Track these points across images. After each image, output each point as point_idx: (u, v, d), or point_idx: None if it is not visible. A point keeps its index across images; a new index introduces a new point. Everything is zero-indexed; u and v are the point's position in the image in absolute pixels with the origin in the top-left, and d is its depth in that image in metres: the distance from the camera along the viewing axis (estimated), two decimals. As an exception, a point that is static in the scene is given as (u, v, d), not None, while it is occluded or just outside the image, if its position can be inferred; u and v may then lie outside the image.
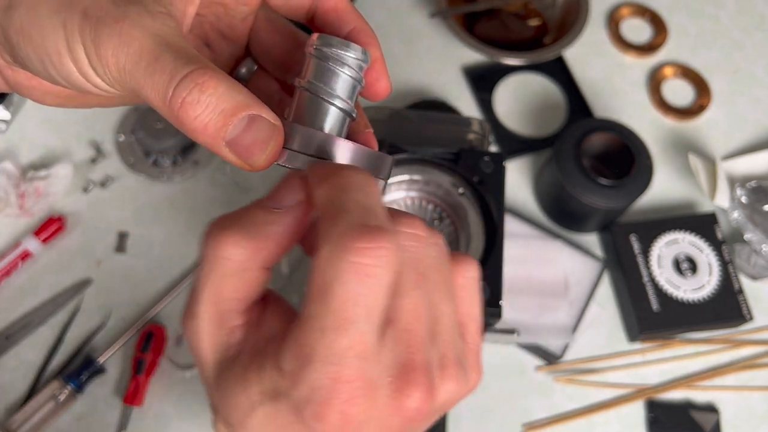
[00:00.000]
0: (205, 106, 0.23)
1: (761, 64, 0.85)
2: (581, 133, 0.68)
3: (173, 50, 0.24)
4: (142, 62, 0.24)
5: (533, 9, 0.84)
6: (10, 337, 0.64)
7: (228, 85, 0.24)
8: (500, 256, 0.46)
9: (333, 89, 0.28)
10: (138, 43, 0.24)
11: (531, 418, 0.64)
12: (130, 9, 0.24)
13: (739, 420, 0.65)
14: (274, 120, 0.25)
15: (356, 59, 0.28)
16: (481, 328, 0.27)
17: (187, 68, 0.23)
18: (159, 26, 0.24)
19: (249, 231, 0.25)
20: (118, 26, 0.24)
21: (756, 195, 0.72)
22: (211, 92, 0.23)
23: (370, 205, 0.23)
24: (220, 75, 0.24)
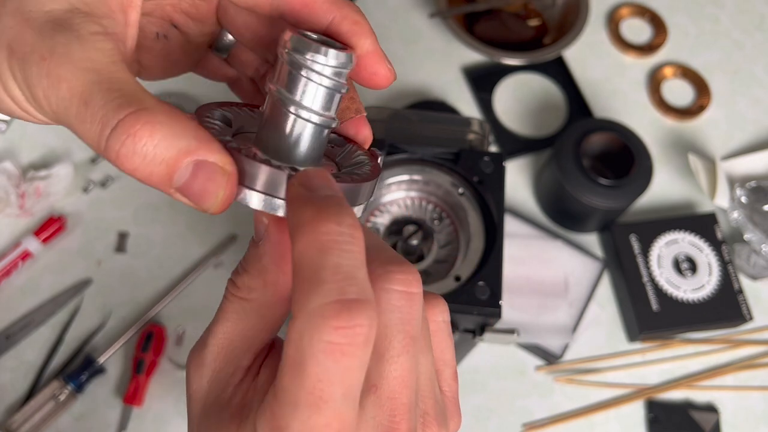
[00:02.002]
0: (142, 158, 0.21)
1: (761, 64, 0.85)
2: (581, 133, 0.68)
3: (105, 90, 0.21)
4: (72, 108, 0.22)
5: (533, 9, 0.84)
6: (10, 337, 0.64)
7: (167, 130, 0.21)
8: (500, 256, 0.46)
9: (307, 103, 0.25)
10: (66, 86, 0.22)
11: (531, 418, 0.64)
12: (57, 41, 0.22)
13: (739, 420, 0.65)
14: (223, 163, 0.22)
15: (334, 67, 0.25)
16: (456, 372, 0.26)
17: (117, 115, 0.21)
18: (91, 57, 0.22)
19: (248, 269, 0.25)
20: (45, 65, 0.22)
21: (756, 195, 0.72)
22: (146, 142, 0.21)
23: (350, 271, 0.20)
24: (156, 117, 0.21)
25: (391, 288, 0.23)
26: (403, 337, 0.22)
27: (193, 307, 0.67)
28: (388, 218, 0.51)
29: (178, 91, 0.76)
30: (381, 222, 0.51)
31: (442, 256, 0.50)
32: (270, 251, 0.25)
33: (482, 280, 0.45)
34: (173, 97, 0.75)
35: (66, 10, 0.22)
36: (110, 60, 0.22)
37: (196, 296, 0.67)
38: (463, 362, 0.66)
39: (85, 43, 0.22)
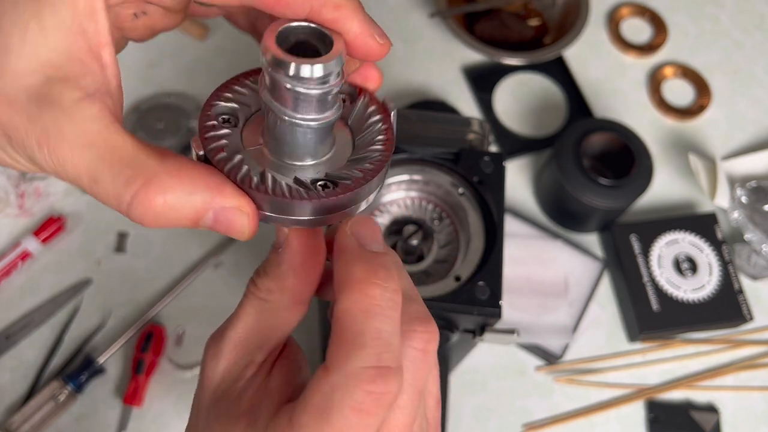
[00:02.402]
0: (165, 220, 0.23)
1: (761, 64, 0.85)
2: (581, 133, 0.68)
3: (108, 166, 0.22)
4: (83, 183, 0.22)
5: (533, 9, 0.84)
6: (10, 337, 0.64)
7: (178, 192, 0.22)
8: (500, 256, 0.46)
9: (301, 113, 0.24)
10: (70, 167, 0.22)
11: (531, 418, 0.64)
12: (45, 121, 0.21)
13: (739, 420, 0.65)
14: (239, 205, 0.23)
15: (319, 79, 0.23)
16: (438, 401, 0.27)
17: (128, 191, 0.22)
18: (83, 130, 0.22)
19: (268, 273, 0.27)
20: (44, 150, 0.22)
21: (756, 195, 0.72)
22: (163, 209, 0.22)
23: (389, 338, 0.22)
24: (164, 183, 0.22)
25: (411, 346, 0.24)
26: (413, 391, 0.24)
27: (193, 307, 0.67)
28: (388, 218, 0.51)
29: (178, 91, 0.76)
30: (381, 222, 0.51)
31: (442, 256, 0.50)
32: (288, 260, 0.27)
33: (482, 280, 0.45)
34: (173, 97, 0.75)
35: (42, 82, 0.22)
36: (102, 126, 0.22)
37: (196, 296, 0.67)
38: (463, 362, 0.66)
39: (73, 116, 0.22)
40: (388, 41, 0.25)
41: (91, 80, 0.22)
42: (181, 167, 0.23)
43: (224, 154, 0.25)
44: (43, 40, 0.22)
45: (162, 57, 0.79)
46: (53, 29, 0.22)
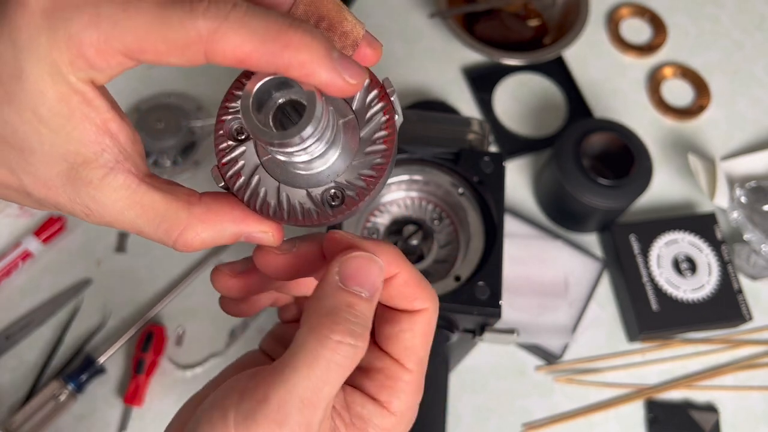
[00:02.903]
0: (205, 246, 0.27)
1: (761, 64, 0.85)
2: (581, 133, 0.68)
3: (145, 222, 0.26)
4: (132, 231, 0.26)
5: (533, 9, 0.85)
6: (10, 337, 0.64)
7: (211, 232, 0.27)
8: (500, 256, 0.46)
9: (291, 159, 0.25)
10: (118, 225, 0.26)
11: (531, 417, 0.64)
12: (84, 197, 0.25)
13: (739, 420, 0.65)
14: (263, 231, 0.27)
15: (302, 143, 0.24)
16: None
17: (169, 240, 0.26)
18: (117, 199, 0.25)
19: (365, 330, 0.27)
20: (92, 217, 0.26)
21: (755, 195, 0.72)
22: (201, 245, 0.27)
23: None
24: (197, 228, 0.26)
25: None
26: None
27: (193, 307, 0.67)
28: (388, 218, 0.51)
29: (178, 91, 0.76)
30: (381, 222, 0.51)
31: (442, 256, 0.50)
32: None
33: (482, 280, 0.45)
34: (173, 97, 0.75)
35: (68, 168, 0.25)
36: (131, 192, 0.25)
37: (196, 296, 0.67)
38: (463, 362, 0.66)
39: (104, 190, 0.25)
40: (361, 76, 0.25)
41: (108, 155, 0.25)
42: (208, 210, 0.26)
43: (243, 179, 0.27)
44: (56, 137, 0.24)
45: (162, 57, 0.79)
46: (59, 127, 0.24)
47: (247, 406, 0.24)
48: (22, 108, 0.24)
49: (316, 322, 0.25)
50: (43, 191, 0.25)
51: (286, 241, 0.29)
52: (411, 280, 0.28)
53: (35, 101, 0.23)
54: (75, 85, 0.24)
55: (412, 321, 0.28)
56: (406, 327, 0.28)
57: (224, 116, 0.28)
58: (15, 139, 0.24)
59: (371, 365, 0.29)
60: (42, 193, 0.25)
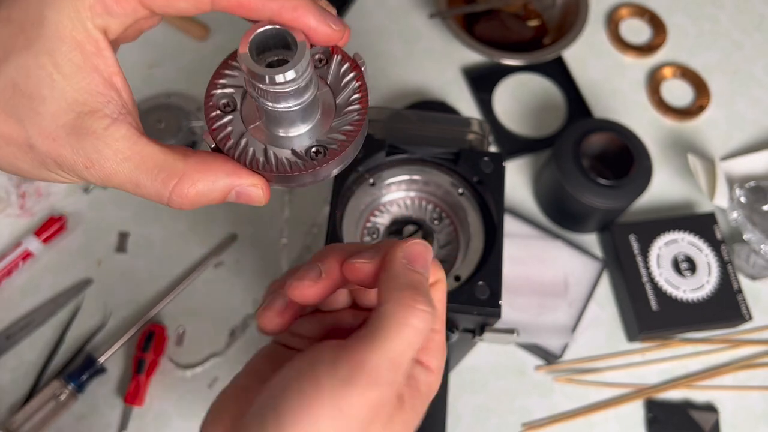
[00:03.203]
0: (199, 203, 0.29)
1: (760, 65, 0.85)
2: (581, 134, 0.68)
3: (144, 172, 0.27)
4: (128, 188, 0.28)
5: (533, 9, 0.85)
6: (11, 337, 0.64)
7: (206, 180, 0.28)
8: (500, 256, 0.46)
9: (284, 106, 0.27)
10: (115, 179, 0.27)
11: (530, 417, 0.64)
12: (87, 147, 0.26)
13: (738, 419, 0.65)
14: (253, 183, 0.29)
15: (290, 82, 0.26)
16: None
17: (166, 189, 0.27)
18: (118, 149, 0.27)
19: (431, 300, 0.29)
20: (92, 171, 0.27)
21: (755, 195, 0.72)
22: (196, 197, 0.28)
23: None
24: (193, 177, 0.28)
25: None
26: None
27: (193, 307, 0.67)
28: (388, 218, 0.51)
29: (178, 91, 0.76)
30: (381, 222, 0.51)
31: (442, 256, 0.50)
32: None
33: (482, 280, 0.45)
34: (174, 97, 0.75)
35: (75, 118, 0.26)
36: (132, 142, 0.27)
37: (196, 296, 0.67)
38: (463, 362, 0.66)
39: (107, 140, 0.26)
40: (343, 26, 0.29)
41: (113, 107, 0.27)
42: (202, 162, 0.28)
43: (231, 141, 0.29)
44: (67, 84, 0.26)
45: (162, 57, 0.79)
46: (72, 74, 0.26)
47: (343, 373, 0.27)
48: (39, 53, 0.25)
49: (399, 295, 0.28)
50: (47, 142, 0.26)
51: (310, 268, 0.31)
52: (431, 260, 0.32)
53: (53, 46, 0.25)
54: (91, 32, 0.26)
55: (434, 291, 0.32)
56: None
57: (213, 90, 0.30)
58: (28, 86, 0.26)
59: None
60: (46, 145, 0.26)
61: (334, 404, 0.26)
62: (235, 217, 0.70)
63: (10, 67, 0.26)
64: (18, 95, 0.26)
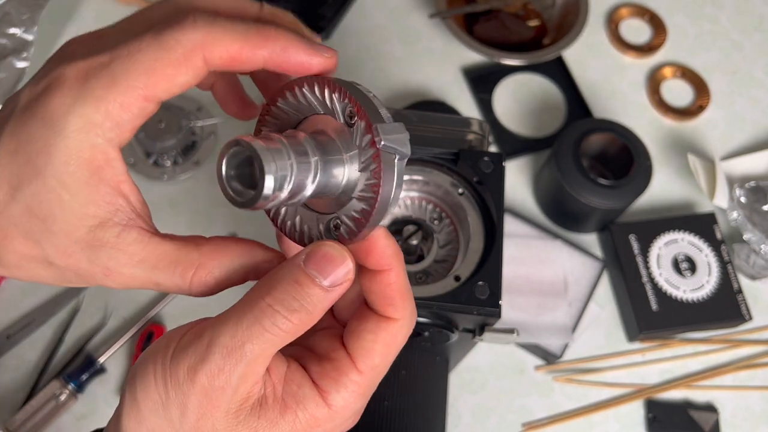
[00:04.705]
0: (221, 287, 0.29)
1: (760, 65, 0.85)
2: (580, 134, 0.68)
3: (161, 269, 0.28)
4: (151, 288, 0.29)
5: (532, 9, 0.85)
6: (11, 337, 0.64)
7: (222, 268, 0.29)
8: (499, 255, 0.46)
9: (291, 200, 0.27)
10: (135, 281, 0.28)
11: (530, 417, 0.64)
12: (102, 258, 0.27)
13: (738, 419, 0.65)
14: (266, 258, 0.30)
15: (265, 201, 0.25)
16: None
17: (185, 282, 0.28)
18: (132, 254, 0.27)
19: (308, 313, 0.27)
20: (112, 277, 0.28)
21: (755, 195, 0.72)
22: (216, 282, 0.29)
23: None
24: (210, 265, 0.28)
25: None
26: None
27: (193, 307, 0.67)
28: (388, 218, 0.51)
29: (178, 92, 0.76)
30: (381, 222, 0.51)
31: (442, 256, 0.50)
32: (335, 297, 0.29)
33: (482, 280, 0.45)
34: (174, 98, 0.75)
35: (86, 232, 0.27)
36: (144, 244, 0.28)
37: (196, 296, 0.67)
38: (463, 362, 0.66)
39: (120, 247, 0.27)
40: (333, 52, 0.29)
41: (121, 214, 0.28)
42: (216, 248, 0.29)
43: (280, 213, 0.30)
44: (75, 201, 0.27)
45: (162, 57, 0.79)
46: (79, 191, 0.27)
47: (186, 337, 0.27)
48: (48, 178, 0.26)
49: (259, 284, 0.27)
50: (63, 258, 0.27)
51: None
52: (397, 284, 0.28)
53: (60, 170, 0.26)
54: (100, 147, 0.26)
55: (379, 326, 0.28)
56: (370, 328, 0.28)
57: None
58: (40, 210, 0.27)
59: (326, 354, 0.29)
60: (63, 261, 0.27)
61: (169, 369, 0.26)
62: (235, 216, 0.70)
63: (24, 194, 0.27)
64: (33, 219, 0.27)
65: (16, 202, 0.27)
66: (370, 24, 0.84)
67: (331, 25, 0.81)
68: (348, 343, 0.29)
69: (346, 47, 0.82)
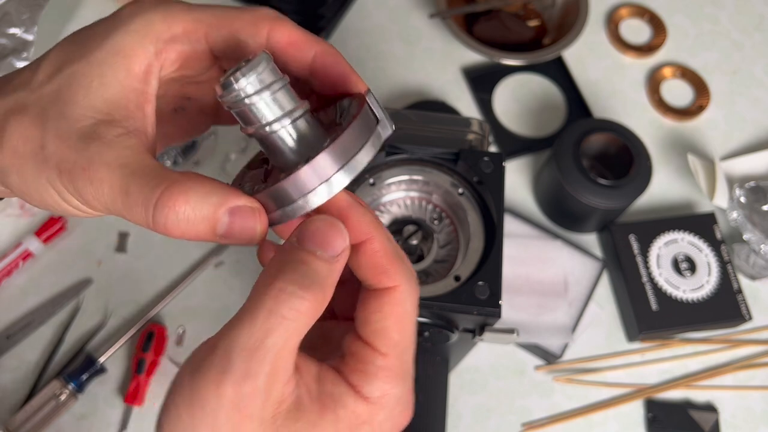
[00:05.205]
0: (185, 222, 0.25)
1: (760, 65, 0.85)
2: (580, 134, 0.68)
3: (137, 177, 0.26)
4: (117, 201, 0.26)
5: (532, 9, 0.85)
6: (11, 337, 0.64)
7: (197, 192, 0.25)
8: (499, 255, 0.46)
9: (269, 117, 0.26)
10: (107, 185, 0.26)
11: (530, 417, 0.65)
12: (91, 150, 0.26)
13: (738, 419, 0.65)
14: (249, 203, 0.26)
15: (257, 79, 0.26)
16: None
17: (154, 195, 0.25)
18: (120, 155, 0.26)
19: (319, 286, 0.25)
20: (87, 174, 0.26)
21: (755, 195, 0.72)
22: (185, 208, 0.25)
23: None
24: (185, 185, 0.25)
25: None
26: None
27: (193, 307, 0.67)
28: (388, 218, 0.51)
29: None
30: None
31: (442, 256, 0.50)
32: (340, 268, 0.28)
33: (482, 280, 0.45)
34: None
35: (92, 124, 0.27)
36: (136, 152, 0.27)
37: (196, 296, 0.67)
38: (463, 362, 0.66)
39: (113, 146, 0.26)
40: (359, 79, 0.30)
41: (131, 123, 0.27)
42: (199, 176, 0.26)
43: (242, 181, 0.30)
44: (101, 94, 0.27)
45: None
46: (110, 86, 0.27)
47: (198, 356, 0.25)
48: (91, 62, 0.27)
49: (265, 274, 0.25)
50: (57, 142, 0.27)
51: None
52: (384, 250, 0.27)
53: (105, 58, 0.27)
54: (149, 57, 0.28)
55: (381, 301, 0.27)
56: (374, 308, 0.27)
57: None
58: (68, 92, 0.27)
59: (348, 349, 0.28)
60: (55, 145, 0.27)
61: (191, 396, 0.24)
62: (235, 217, 0.70)
63: (62, 75, 0.27)
64: (56, 101, 0.27)
65: (51, 83, 0.27)
66: (370, 24, 0.84)
67: (331, 25, 0.81)
68: (362, 332, 0.27)
69: (347, 47, 0.82)
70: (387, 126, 0.29)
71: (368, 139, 0.27)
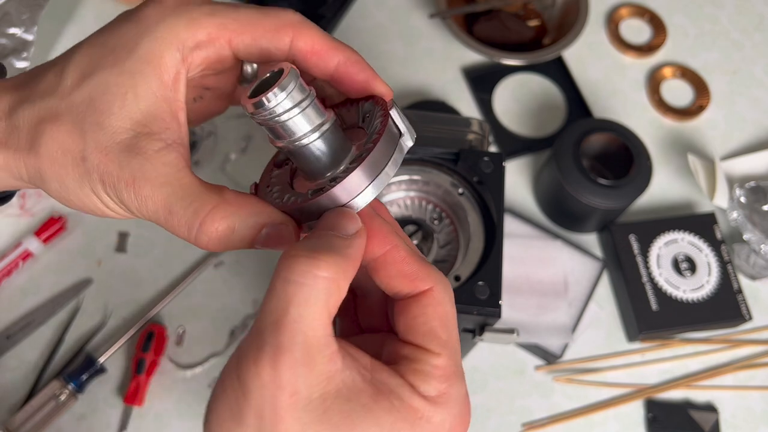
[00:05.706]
0: (226, 244, 0.28)
1: (760, 65, 0.85)
2: (580, 134, 0.68)
3: (180, 199, 0.28)
4: (160, 216, 0.28)
5: (532, 9, 0.85)
6: (11, 337, 0.64)
7: (239, 215, 0.28)
8: (499, 255, 0.46)
9: (297, 134, 0.27)
10: (151, 202, 0.28)
11: (530, 417, 0.64)
12: (133, 167, 0.27)
13: (738, 419, 0.65)
14: (284, 221, 0.29)
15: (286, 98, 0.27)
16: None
17: (197, 220, 0.27)
18: (162, 173, 0.28)
19: (335, 253, 0.26)
20: (132, 190, 0.28)
21: (755, 195, 0.72)
22: (226, 234, 0.28)
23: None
24: (226, 211, 0.28)
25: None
26: None
27: (193, 307, 0.67)
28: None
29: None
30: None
31: (442, 256, 0.50)
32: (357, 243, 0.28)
33: (482, 280, 0.45)
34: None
35: (132, 136, 0.28)
36: (176, 170, 0.28)
37: (196, 296, 0.67)
38: (463, 362, 0.66)
39: (154, 162, 0.28)
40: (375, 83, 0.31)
41: (169, 134, 0.28)
42: (236, 198, 0.29)
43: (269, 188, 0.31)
44: (137, 105, 0.28)
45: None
46: (144, 97, 0.28)
47: (242, 341, 0.26)
48: (123, 72, 0.28)
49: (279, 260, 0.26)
50: (99, 156, 0.28)
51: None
52: (408, 257, 0.28)
53: (137, 68, 0.28)
54: (176, 64, 0.28)
55: (422, 304, 0.28)
56: (417, 313, 0.28)
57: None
58: (102, 102, 0.28)
59: (398, 354, 0.28)
60: (97, 158, 0.28)
61: (238, 379, 0.24)
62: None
63: (92, 83, 0.28)
64: (90, 109, 0.28)
65: (81, 89, 0.28)
66: (370, 24, 0.84)
67: (331, 25, 0.81)
68: (409, 338, 0.28)
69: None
70: (409, 138, 0.30)
71: (392, 155, 0.29)
